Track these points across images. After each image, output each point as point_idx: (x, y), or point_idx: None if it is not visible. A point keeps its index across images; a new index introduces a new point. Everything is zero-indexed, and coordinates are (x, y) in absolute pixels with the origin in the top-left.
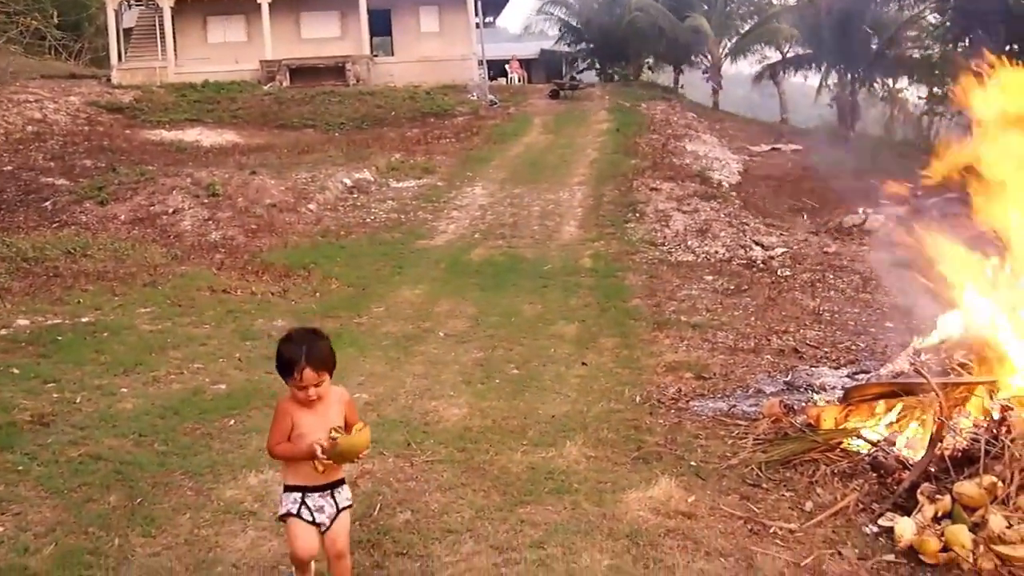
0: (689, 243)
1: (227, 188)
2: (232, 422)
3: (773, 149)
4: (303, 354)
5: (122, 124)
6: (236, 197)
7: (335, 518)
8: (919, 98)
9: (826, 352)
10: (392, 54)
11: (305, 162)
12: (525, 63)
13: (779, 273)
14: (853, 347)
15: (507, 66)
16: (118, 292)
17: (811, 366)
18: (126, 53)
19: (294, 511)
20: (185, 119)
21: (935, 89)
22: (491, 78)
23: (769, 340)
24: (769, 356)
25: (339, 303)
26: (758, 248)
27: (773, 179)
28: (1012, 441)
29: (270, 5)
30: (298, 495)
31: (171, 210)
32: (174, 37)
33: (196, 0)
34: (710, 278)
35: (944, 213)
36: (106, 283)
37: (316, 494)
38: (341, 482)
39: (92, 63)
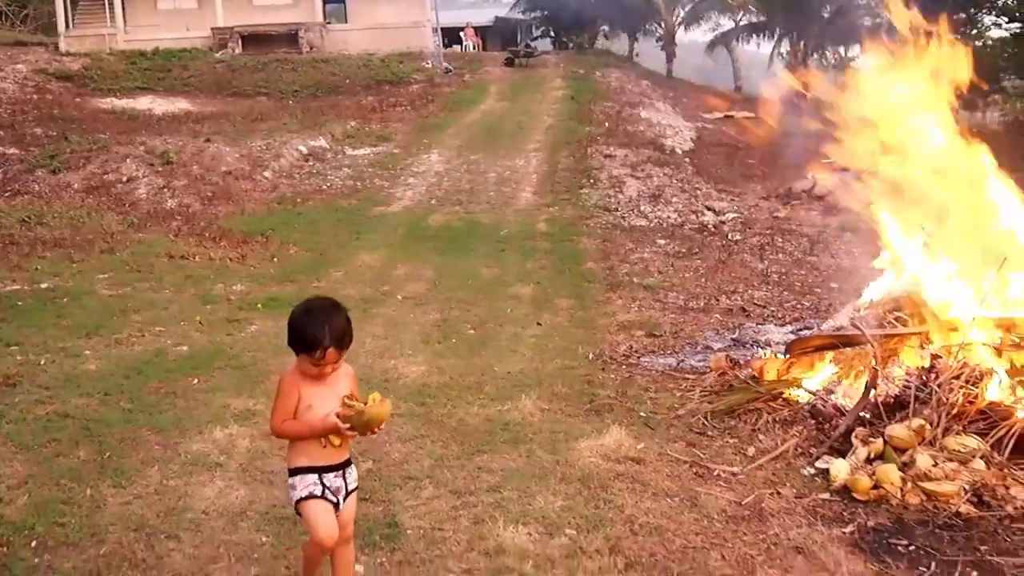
0: (642, 208)
1: (181, 156)
2: (196, 381)
3: (726, 116)
4: (327, 333)
5: (72, 92)
6: (191, 165)
7: (345, 499)
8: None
9: (772, 311)
10: (346, 21)
11: (260, 130)
12: (480, 30)
13: (730, 237)
14: (798, 306)
15: (462, 33)
16: (76, 259)
17: (758, 324)
18: (74, 20)
19: (318, 493)
20: (136, 87)
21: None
22: (446, 45)
23: (718, 300)
24: (718, 315)
25: (298, 268)
26: (710, 213)
27: (725, 145)
28: (939, 386)
29: None
30: (315, 476)
31: (125, 178)
32: (123, 4)
33: None
34: (662, 242)
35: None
36: (63, 250)
37: (331, 474)
38: (349, 461)
39: (39, 30)
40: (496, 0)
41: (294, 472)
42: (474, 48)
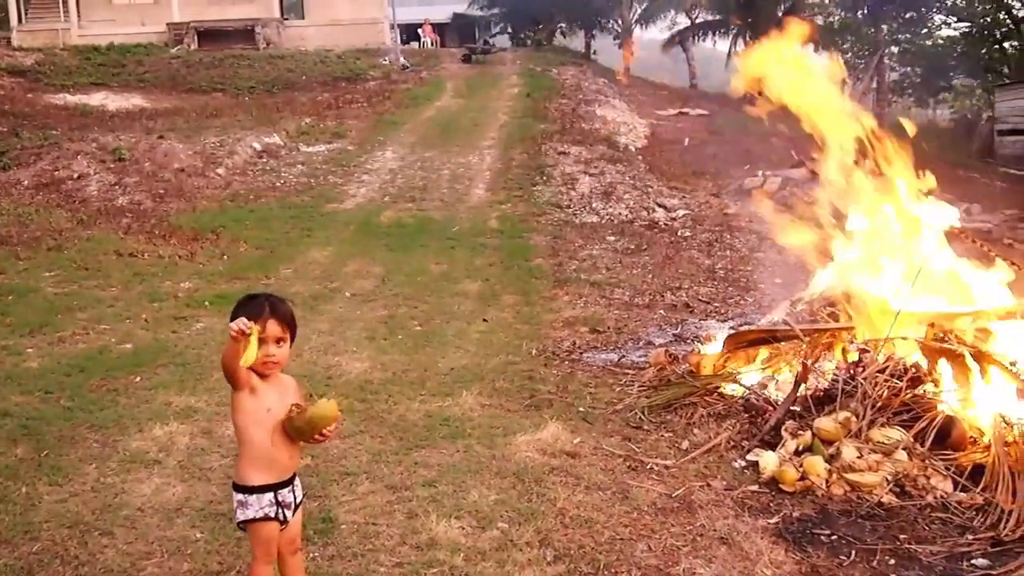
0: (594, 205)
1: (134, 153)
2: (138, 379)
3: (680, 114)
4: (267, 306)
5: (24, 88)
6: (143, 162)
7: (294, 513)
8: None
9: (716, 307)
10: (303, 17)
11: (214, 126)
12: (438, 27)
13: (679, 233)
14: (742, 301)
15: (420, 30)
16: (22, 256)
17: (700, 319)
18: (26, 14)
19: (272, 514)
20: (90, 83)
21: (836, 55)
22: (404, 42)
23: (663, 296)
24: (662, 311)
25: (247, 265)
26: (661, 210)
27: (679, 143)
28: (865, 380)
29: None
30: (271, 495)
31: (76, 175)
32: None
33: None
34: (612, 238)
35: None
36: (10, 247)
37: (285, 489)
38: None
39: None
40: None
41: (248, 490)
42: (432, 45)
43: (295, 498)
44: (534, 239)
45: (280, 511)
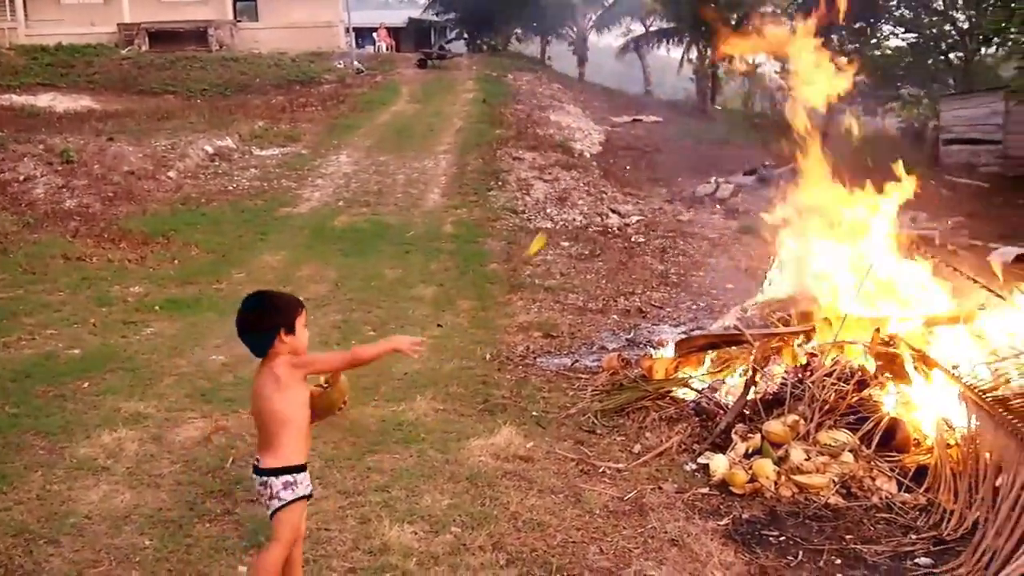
0: (548, 211)
1: (82, 155)
2: (86, 384)
3: (634, 120)
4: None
5: None
6: (92, 164)
7: None
8: (774, 72)
9: (669, 312)
10: (257, 20)
11: (165, 129)
12: (393, 32)
13: (633, 239)
14: (694, 307)
15: (375, 34)
16: None
17: (653, 324)
18: None
19: (310, 492)
20: (37, 83)
21: (787, 64)
22: (359, 46)
23: (616, 301)
24: (615, 316)
25: (199, 269)
26: (614, 216)
27: (633, 149)
28: (813, 383)
29: None
30: (307, 473)
31: (22, 177)
32: None
33: None
34: (566, 244)
35: (788, 182)
36: None
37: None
38: None
39: None
40: (410, 1)
41: (297, 469)
42: (387, 49)
43: None
44: (489, 244)
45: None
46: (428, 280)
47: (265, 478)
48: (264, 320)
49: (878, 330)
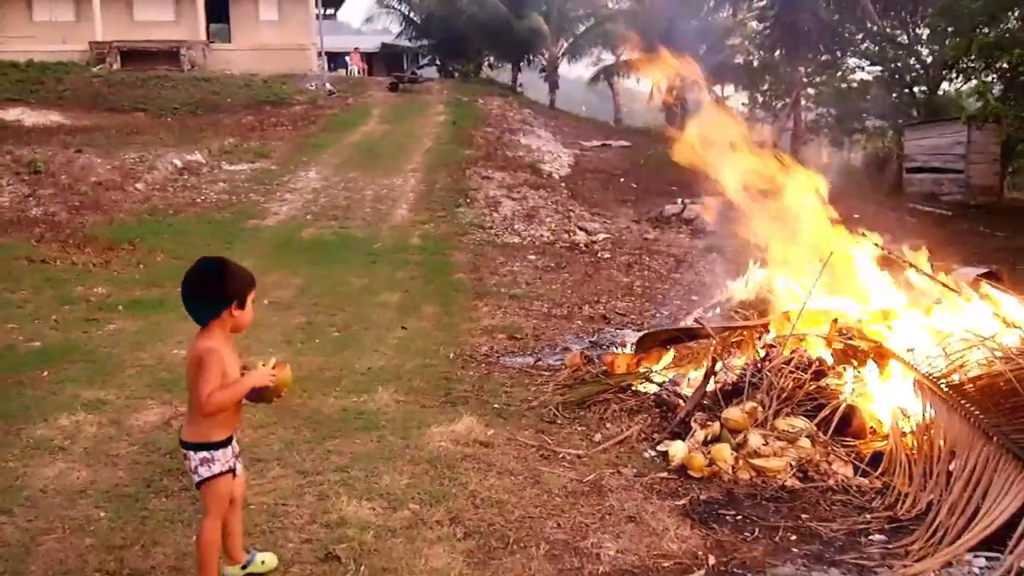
0: (516, 227)
1: (50, 166)
2: (46, 374)
3: (603, 145)
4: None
5: None
6: (59, 174)
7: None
8: (742, 104)
9: (632, 319)
10: (230, 41)
11: (134, 143)
12: (366, 57)
13: (599, 255)
14: (657, 314)
15: (348, 58)
16: None
17: (617, 328)
18: None
19: (231, 467)
20: (6, 98)
21: (755, 94)
22: (331, 70)
23: (581, 308)
24: (580, 321)
25: (164, 274)
26: (582, 233)
27: (602, 172)
28: (771, 371)
29: None
30: (230, 448)
31: None
32: None
33: None
34: (533, 257)
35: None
36: None
37: (233, 441)
38: None
39: None
40: (384, 31)
41: (213, 446)
42: (359, 73)
43: (236, 450)
44: (456, 256)
45: (235, 462)
46: (394, 287)
47: (184, 451)
48: (215, 291)
49: (835, 321)
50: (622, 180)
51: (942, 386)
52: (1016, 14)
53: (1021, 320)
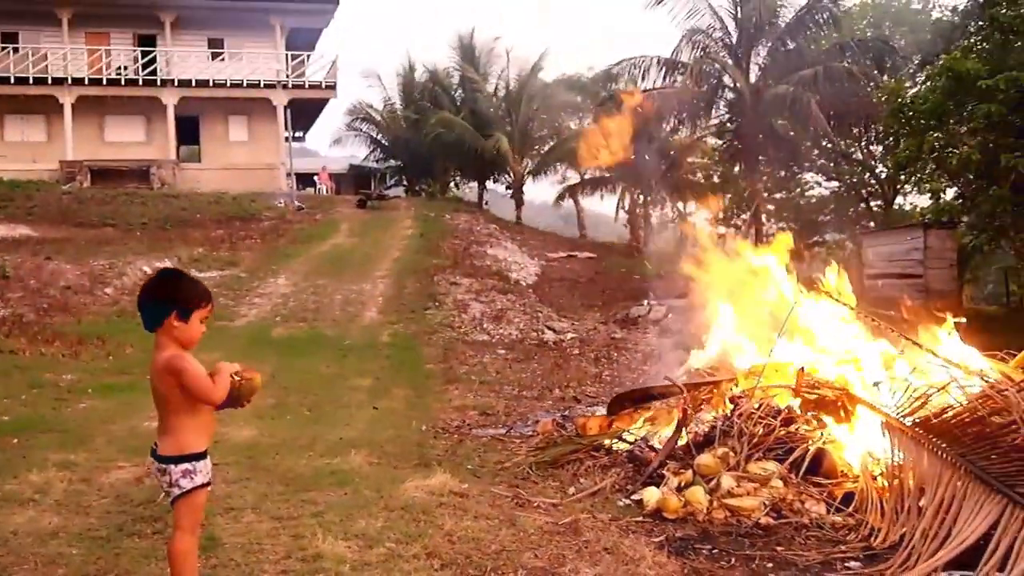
0: (485, 326)
1: (18, 271)
2: (16, 440)
3: (569, 256)
4: (205, 289)
5: None
6: (28, 279)
7: None
8: (704, 219)
9: (603, 400)
10: (200, 160)
11: (104, 252)
12: (334, 177)
13: (568, 351)
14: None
15: (316, 177)
16: None
17: (587, 406)
18: None
19: (210, 479)
20: None
21: (717, 211)
22: (299, 189)
23: (552, 391)
24: (550, 402)
25: (133, 363)
26: (550, 332)
27: (568, 280)
28: (740, 417)
29: (72, 106)
30: (208, 461)
31: None
32: None
33: None
34: (503, 351)
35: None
36: None
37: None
38: None
39: None
40: (352, 156)
41: (195, 457)
42: (328, 191)
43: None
44: (426, 351)
45: (210, 477)
46: (364, 375)
47: (163, 465)
48: (161, 293)
49: (802, 370)
50: (588, 286)
51: (908, 423)
52: (965, 112)
53: (980, 367)
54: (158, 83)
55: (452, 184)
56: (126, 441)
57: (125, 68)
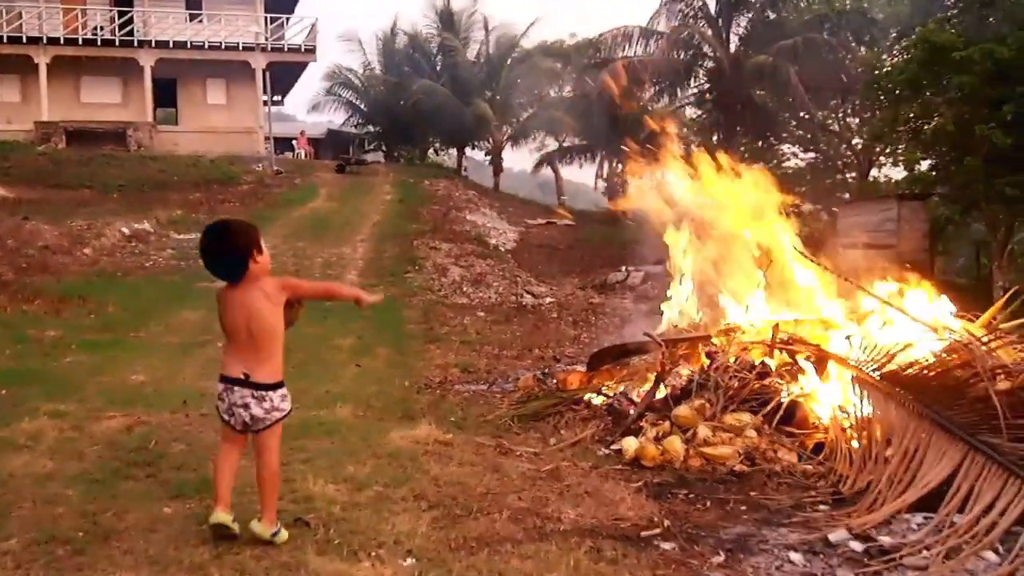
0: (464, 289)
1: None
2: (4, 392)
3: (548, 223)
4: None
5: None
6: (6, 239)
7: None
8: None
9: (582, 359)
10: (177, 123)
11: (81, 213)
12: (313, 142)
13: (547, 315)
14: None
15: (294, 142)
16: None
17: (567, 365)
18: None
19: None
20: None
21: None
22: (278, 154)
23: (531, 351)
24: (530, 361)
25: (117, 321)
26: (529, 296)
27: (547, 246)
28: (716, 371)
29: (48, 66)
30: None
31: None
32: None
33: None
34: (482, 314)
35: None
36: None
37: None
38: None
39: None
40: (330, 122)
41: (282, 385)
42: (306, 156)
43: None
44: (406, 312)
45: None
46: (346, 335)
47: (263, 392)
48: (238, 242)
49: (777, 326)
50: (567, 253)
51: (877, 376)
52: (941, 84)
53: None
54: (135, 44)
55: (432, 150)
56: (115, 393)
57: (101, 28)
